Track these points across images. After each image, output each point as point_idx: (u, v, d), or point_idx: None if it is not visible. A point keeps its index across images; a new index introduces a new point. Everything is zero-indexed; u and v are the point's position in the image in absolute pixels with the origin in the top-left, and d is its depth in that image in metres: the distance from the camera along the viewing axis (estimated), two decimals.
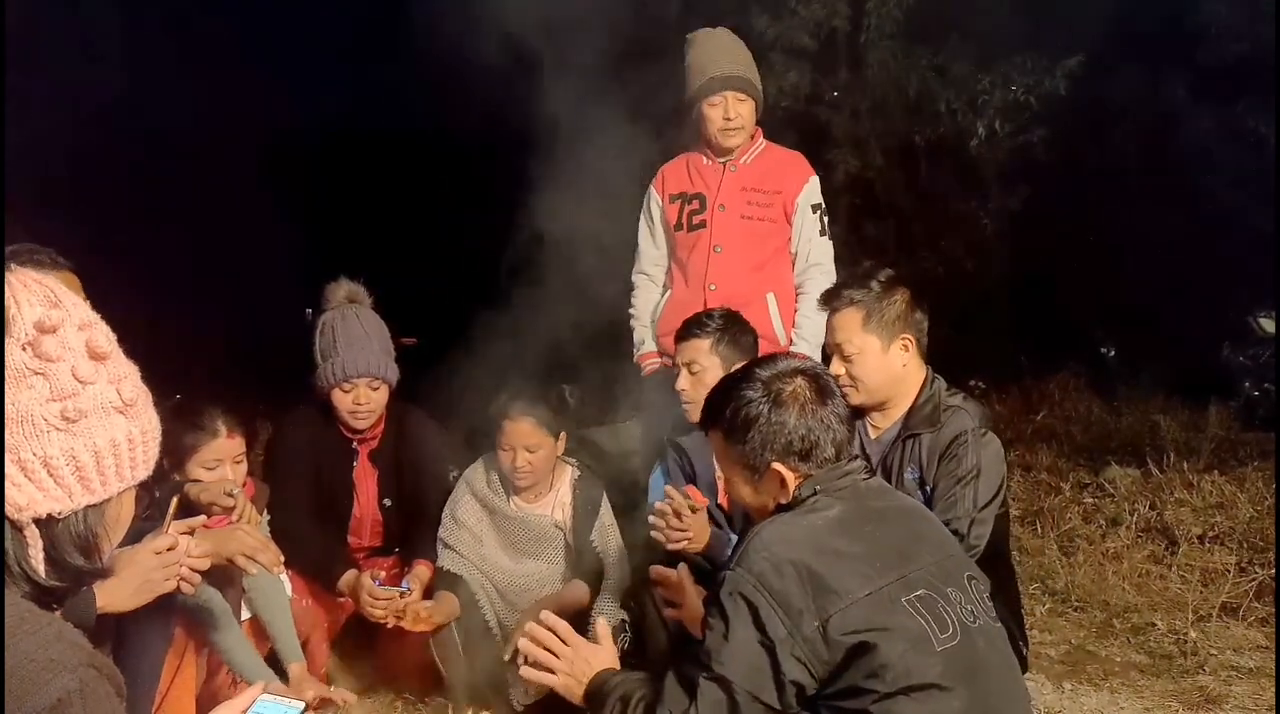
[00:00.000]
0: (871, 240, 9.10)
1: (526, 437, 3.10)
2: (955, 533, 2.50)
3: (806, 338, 3.56)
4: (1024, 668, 2.96)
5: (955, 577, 1.87)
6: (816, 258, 3.64)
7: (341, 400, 3.19)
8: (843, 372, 2.72)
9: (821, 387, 2.00)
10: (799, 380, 1.98)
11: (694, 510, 2.71)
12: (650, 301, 3.82)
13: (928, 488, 2.68)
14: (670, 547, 2.71)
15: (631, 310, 3.86)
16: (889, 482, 2.60)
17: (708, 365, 3.02)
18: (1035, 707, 3.20)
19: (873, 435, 2.83)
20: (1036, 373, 8.25)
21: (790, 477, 1.95)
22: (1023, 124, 8.25)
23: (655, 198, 3.80)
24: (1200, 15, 7.46)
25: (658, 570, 2.41)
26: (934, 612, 1.77)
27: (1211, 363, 7.51)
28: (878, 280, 2.76)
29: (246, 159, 9.39)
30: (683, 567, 2.37)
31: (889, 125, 8.70)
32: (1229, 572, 4.14)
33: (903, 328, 2.73)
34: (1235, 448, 6.10)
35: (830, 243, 3.69)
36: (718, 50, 3.60)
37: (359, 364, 3.15)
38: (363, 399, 3.19)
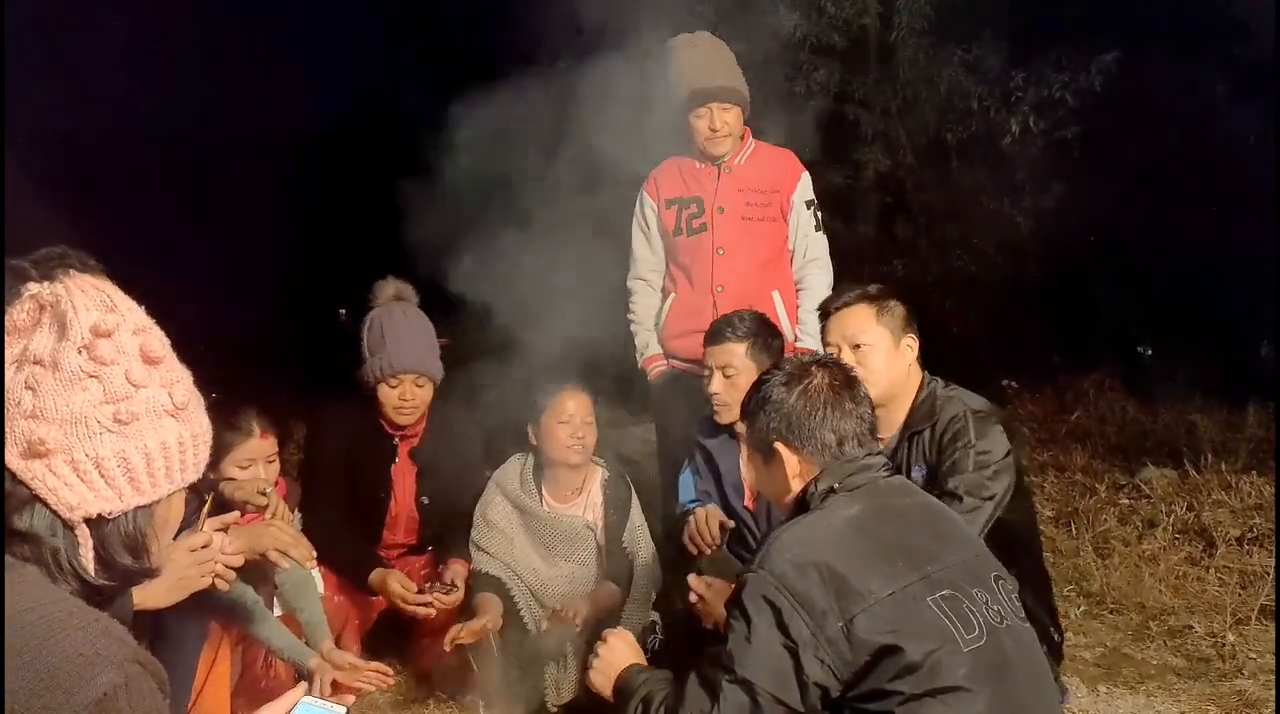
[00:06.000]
0: (903, 239, 9.04)
1: (589, 411, 3.23)
2: (955, 495, 2.55)
3: (812, 333, 3.57)
4: (1059, 656, 2.95)
5: (981, 577, 1.86)
6: (814, 253, 3.71)
7: (387, 396, 3.25)
8: (853, 364, 2.69)
9: (836, 381, 2.03)
10: (814, 368, 2.05)
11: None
12: (650, 306, 3.84)
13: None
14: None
15: (631, 315, 3.87)
16: None
17: (742, 368, 3.04)
18: (1070, 710, 3.18)
19: None
20: (1071, 372, 8.16)
21: (791, 458, 1.99)
22: (1057, 121, 8.16)
23: (649, 203, 3.80)
24: (1240, 11, 7.34)
25: (694, 580, 2.45)
26: (959, 612, 1.76)
27: (1250, 362, 7.40)
28: (878, 287, 2.89)
29: (273, 156, 9.48)
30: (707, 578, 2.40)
31: (920, 123, 8.63)
32: (1268, 574, 4.08)
33: (908, 328, 2.82)
34: (1274, 448, 6.00)
35: (824, 237, 3.75)
36: (699, 60, 3.61)
37: (406, 360, 3.22)
38: (408, 395, 3.25)
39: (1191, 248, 7.61)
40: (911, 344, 2.82)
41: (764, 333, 3.12)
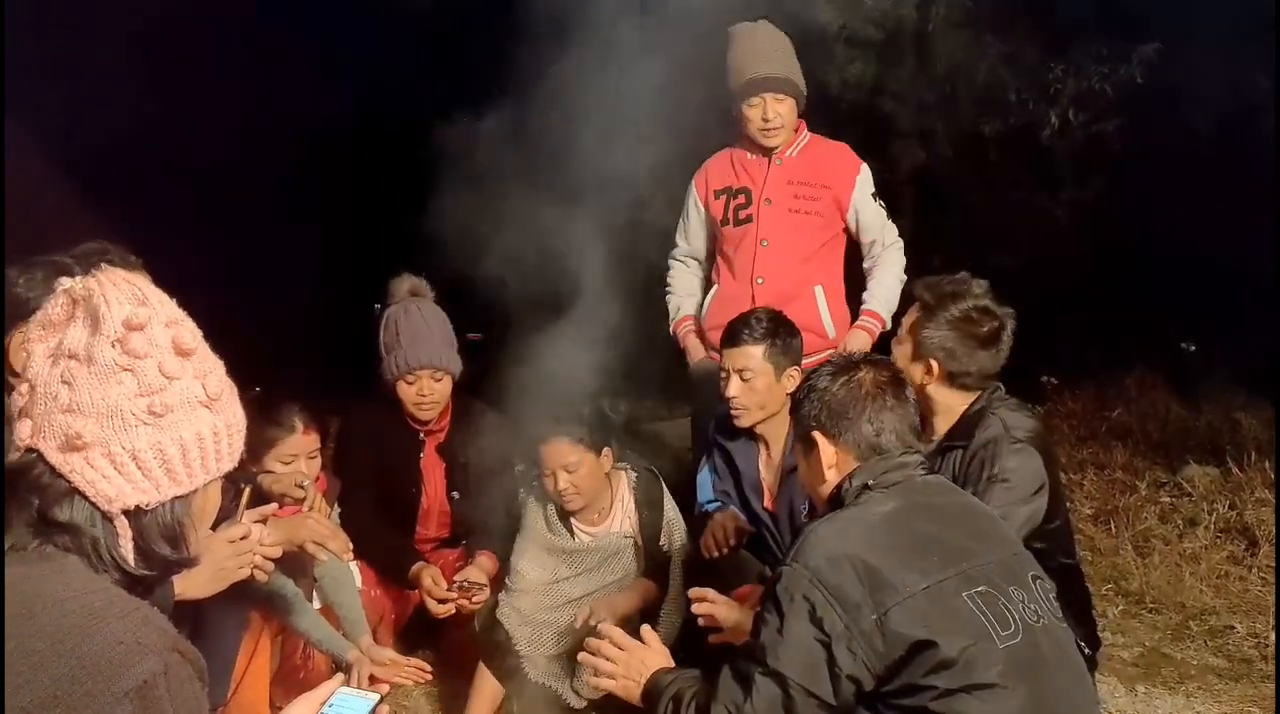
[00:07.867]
0: (939, 233, 8.95)
1: (564, 456, 3.03)
2: None
3: (881, 302, 3.61)
4: (1092, 667, 2.89)
5: (1018, 575, 1.86)
6: (890, 239, 3.69)
7: (406, 392, 3.28)
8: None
9: (882, 377, 2.04)
10: (862, 364, 2.08)
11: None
12: (687, 281, 3.87)
13: None
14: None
15: (668, 286, 3.90)
16: None
17: (759, 371, 3.01)
18: (1107, 710, 3.14)
19: None
20: (1111, 369, 8.05)
21: (828, 447, 2.00)
22: (1097, 113, 8.04)
23: (695, 196, 3.82)
24: None
25: (696, 593, 2.41)
26: (994, 609, 1.75)
27: None
28: None
29: (311, 151, 9.55)
30: (710, 592, 2.39)
31: (957, 116, 8.54)
32: None
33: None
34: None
35: (893, 223, 3.74)
36: (755, 50, 3.58)
37: (421, 356, 3.24)
38: (426, 390, 3.27)
39: (1235, 242, 7.47)
40: (931, 366, 2.69)
41: (782, 333, 3.05)
